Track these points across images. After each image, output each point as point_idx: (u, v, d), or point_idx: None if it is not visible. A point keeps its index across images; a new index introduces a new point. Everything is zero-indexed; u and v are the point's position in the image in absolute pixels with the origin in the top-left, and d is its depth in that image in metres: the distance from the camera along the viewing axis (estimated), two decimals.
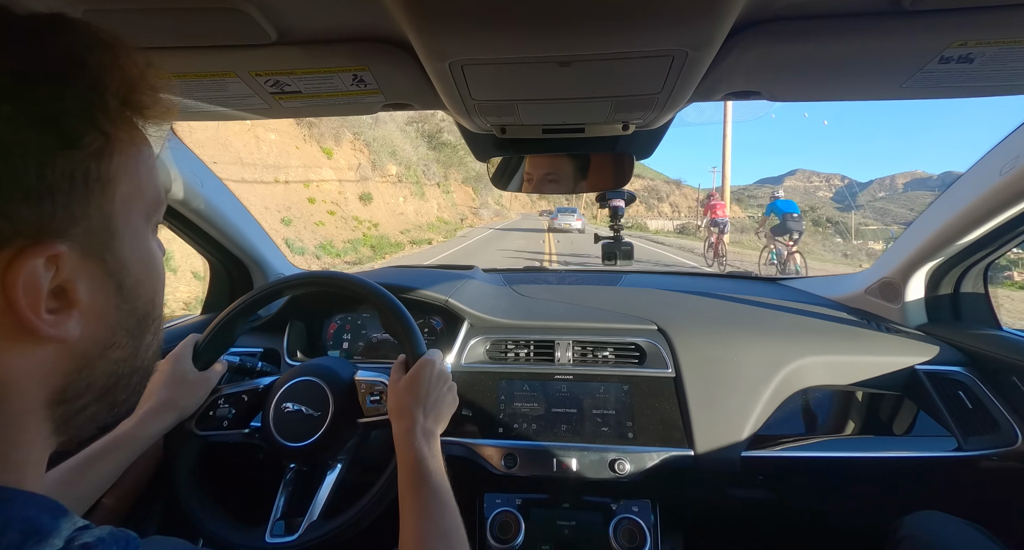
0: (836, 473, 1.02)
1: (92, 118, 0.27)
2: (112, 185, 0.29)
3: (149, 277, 0.34)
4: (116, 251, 0.30)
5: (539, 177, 0.94)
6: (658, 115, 0.71)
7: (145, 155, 0.33)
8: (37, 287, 0.26)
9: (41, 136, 0.25)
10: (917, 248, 1.08)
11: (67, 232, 0.27)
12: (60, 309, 0.27)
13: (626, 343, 1.10)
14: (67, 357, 0.29)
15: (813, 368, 1.04)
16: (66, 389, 0.30)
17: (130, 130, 0.31)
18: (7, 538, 0.24)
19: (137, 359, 0.34)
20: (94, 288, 0.29)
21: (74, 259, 0.27)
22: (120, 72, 0.29)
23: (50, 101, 0.26)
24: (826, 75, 0.61)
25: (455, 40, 0.47)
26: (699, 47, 0.49)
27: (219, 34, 0.51)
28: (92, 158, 0.28)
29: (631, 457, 0.95)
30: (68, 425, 0.31)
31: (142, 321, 0.34)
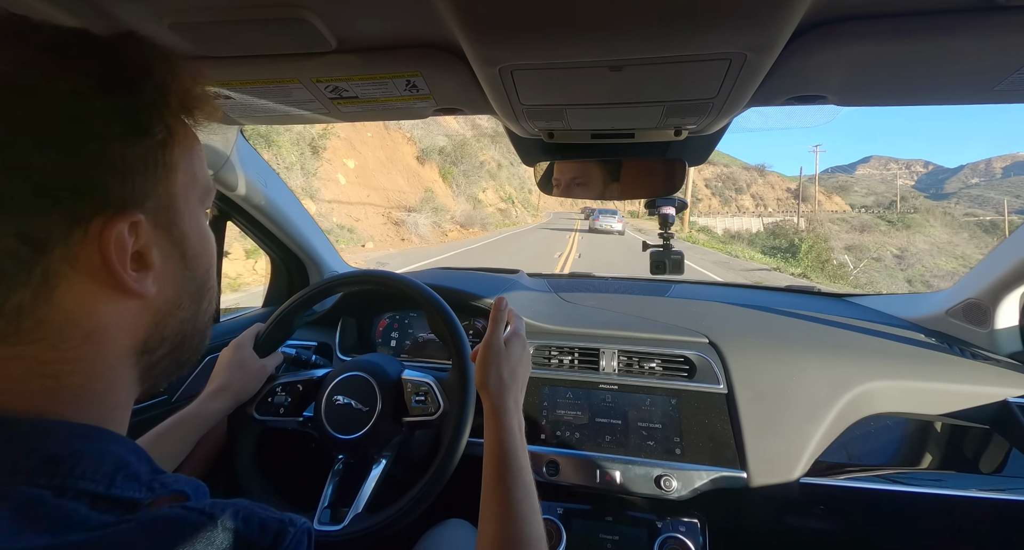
0: (912, 510, 0.93)
1: (159, 113, 0.33)
2: (174, 171, 0.35)
3: (205, 250, 0.40)
4: (179, 225, 0.36)
5: (576, 178, 0.92)
6: (713, 121, 0.68)
7: (196, 149, 0.38)
8: (124, 247, 0.31)
9: (123, 125, 0.31)
10: (1011, 268, 0.97)
11: (142, 205, 0.32)
12: (139, 269, 0.33)
13: (675, 355, 1.06)
14: (147, 312, 0.35)
15: (885, 393, 0.96)
16: (147, 341, 0.35)
17: (186, 127, 0.37)
18: (103, 467, 0.28)
19: (197, 321, 0.40)
20: (164, 255, 0.35)
21: (148, 228, 0.33)
22: (177, 78, 0.34)
23: (129, 98, 0.31)
24: (904, 78, 0.56)
25: (506, 46, 0.48)
26: (759, 50, 0.46)
27: (285, 43, 0.55)
28: (159, 146, 0.33)
29: (678, 474, 0.91)
30: (148, 375, 0.37)
31: (200, 288, 0.40)
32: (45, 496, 0.26)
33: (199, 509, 0.28)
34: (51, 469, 0.27)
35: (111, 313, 0.32)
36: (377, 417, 0.80)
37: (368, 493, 0.78)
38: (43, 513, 0.25)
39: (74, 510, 0.26)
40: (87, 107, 0.29)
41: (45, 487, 0.26)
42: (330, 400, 0.83)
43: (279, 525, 0.30)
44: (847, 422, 0.94)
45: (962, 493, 0.87)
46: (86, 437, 0.30)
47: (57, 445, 0.28)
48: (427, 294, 0.85)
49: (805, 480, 0.89)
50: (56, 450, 0.28)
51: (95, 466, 0.28)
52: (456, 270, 1.60)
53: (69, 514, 0.25)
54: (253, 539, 0.28)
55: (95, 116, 0.29)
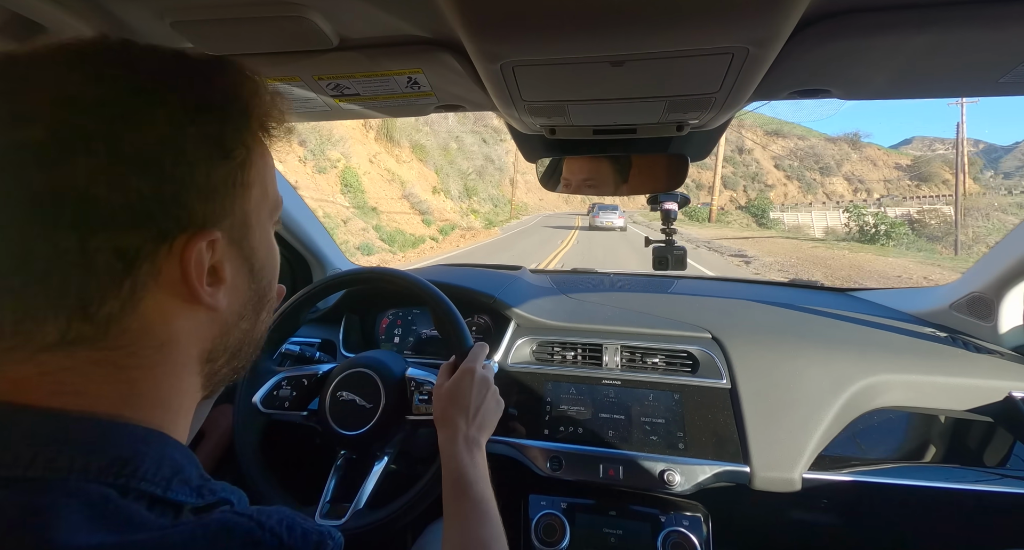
0: (916, 503, 0.93)
1: (241, 137, 0.35)
2: (249, 189, 0.37)
3: (271, 263, 0.42)
4: (250, 240, 0.38)
5: (588, 179, 0.92)
6: (715, 115, 0.68)
7: (270, 166, 0.40)
8: (202, 264, 0.33)
9: (209, 149, 0.32)
10: (1015, 262, 0.97)
11: (220, 223, 0.34)
12: (213, 283, 0.35)
13: (678, 351, 1.06)
14: (215, 324, 0.36)
15: (889, 387, 0.95)
16: (212, 351, 0.37)
17: (261, 146, 0.38)
18: (162, 471, 0.30)
19: (255, 331, 0.42)
20: (235, 269, 0.37)
21: (224, 245, 0.35)
22: (260, 101, 0.36)
23: (217, 124, 0.33)
24: (909, 71, 0.56)
25: (507, 42, 0.48)
26: (762, 44, 0.46)
27: (287, 41, 0.55)
28: (239, 167, 0.35)
29: (682, 468, 0.91)
30: (209, 382, 0.39)
31: (262, 299, 0.41)
32: (112, 495, 0.27)
33: (248, 515, 0.29)
34: (117, 469, 0.28)
35: (185, 324, 0.34)
36: (380, 414, 0.80)
37: (369, 489, 0.79)
38: (111, 511, 0.26)
39: (136, 510, 0.27)
40: (182, 132, 0.31)
41: (111, 486, 0.28)
42: (334, 396, 0.83)
43: (319, 537, 0.31)
44: (850, 416, 0.94)
45: (966, 486, 0.87)
46: (148, 440, 0.31)
47: (123, 446, 0.30)
48: (430, 290, 0.85)
49: (808, 474, 0.89)
50: (122, 451, 0.29)
51: (155, 469, 0.30)
52: (459, 266, 1.60)
53: (133, 514, 0.27)
54: (296, 547, 0.29)
55: (187, 141, 0.31)
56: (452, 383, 0.74)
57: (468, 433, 0.69)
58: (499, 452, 0.99)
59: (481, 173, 31.67)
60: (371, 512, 0.75)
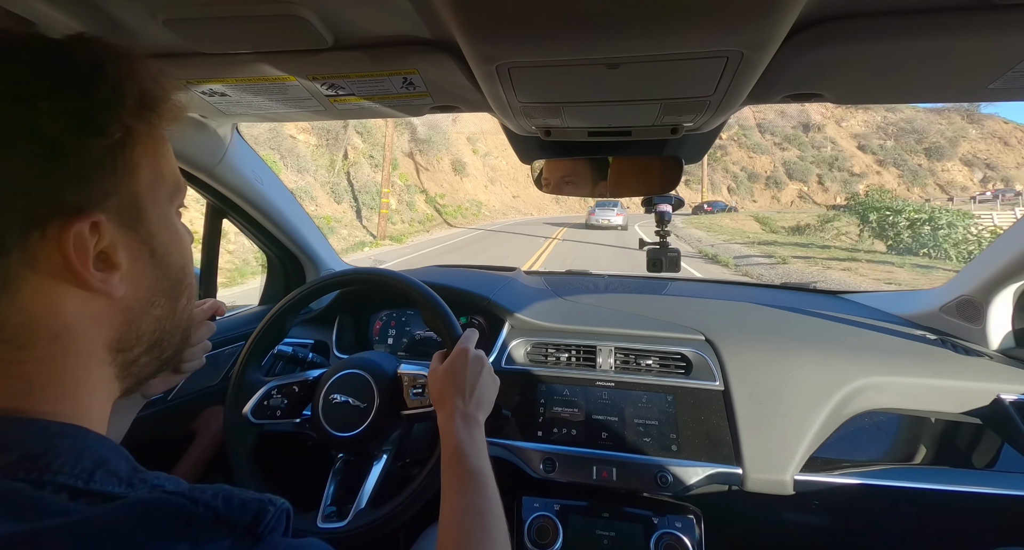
0: (905, 505, 0.94)
1: (114, 113, 0.33)
2: (136, 170, 0.35)
3: (177, 248, 0.40)
4: (146, 225, 0.36)
5: (582, 181, 0.92)
6: (710, 118, 0.68)
7: (162, 148, 0.38)
8: (85, 247, 0.31)
9: (74, 125, 0.30)
10: (1004, 265, 0.98)
11: (103, 205, 0.32)
12: (105, 269, 0.33)
13: (671, 352, 1.06)
14: (117, 311, 0.35)
15: (879, 389, 0.96)
16: (120, 339, 0.36)
17: (148, 126, 0.36)
18: (81, 463, 0.28)
19: (175, 318, 0.40)
20: (131, 254, 0.35)
21: (111, 228, 0.33)
22: (134, 78, 0.34)
23: (78, 99, 0.31)
24: (901, 77, 0.57)
25: (503, 43, 0.48)
26: (756, 48, 0.46)
27: (281, 40, 0.54)
28: (117, 146, 0.33)
29: (674, 470, 0.92)
30: (127, 372, 0.37)
31: (175, 285, 0.40)
32: (23, 488, 0.26)
33: (179, 492, 0.28)
34: (28, 464, 0.27)
35: (78, 313, 0.32)
36: (375, 413, 0.80)
37: (371, 488, 0.78)
38: (21, 503, 0.25)
39: (53, 500, 0.26)
40: (32, 109, 0.29)
41: (23, 481, 0.26)
42: (327, 399, 0.83)
43: (258, 504, 0.30)
44: (842, 418, 0.95)
45: (955, 488, 0.88)
46: (63, 435, 0.30)
47: (34, 442, 0.28)
48: (417, 286, 0.85)
49: (800, 476, 0.90)
50: (33, 447, 0.28)
51: (72, 462, 0.28)
52: (453, 267, 1.60)
53: (47, 503, 0.26)
54: (234, 518, 0.28)
55: (42, 117, 0.29)
56: (447, 364, 0.74)
57: (466, 410, 0.69)
58: (492, 454, 0.99)
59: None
60: (374, 510, 0.75)
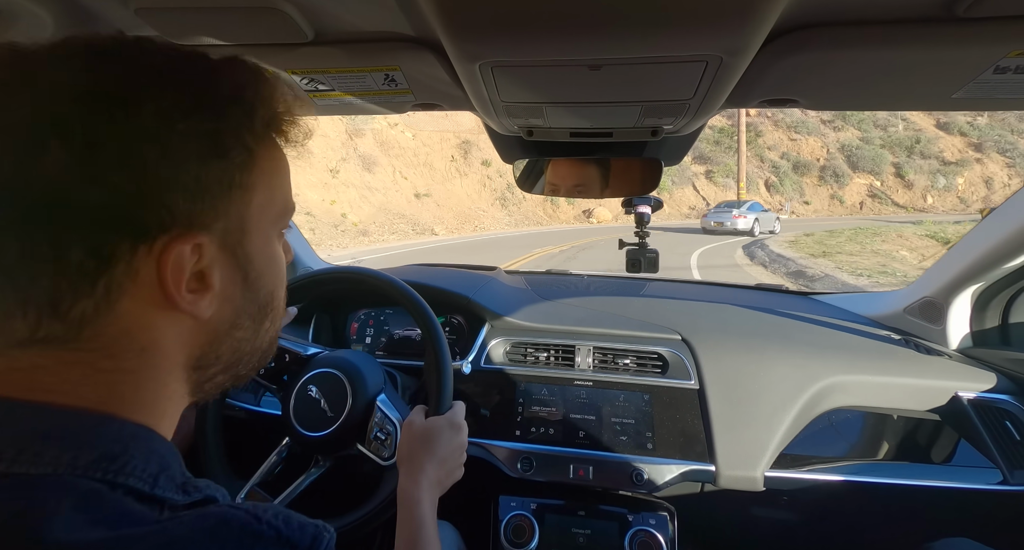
0: (868, 499, 0.98)
1: (241, 137, 0.33)
2: (250, 192, 0.35)
3: (270, 273, 0.39)
4: (246, 247, 0.36)
5: (564, 181, 0.93)
6: (689, 121, 0.70)
7: (281, 170, 0.39)
8: (181, 269, 0.31)
9: (201, 147, 0.31)
10: (964, 268, 1.03)
11: (210, 226, 0.32)
12: (198, 290, 0.33)
13: (648, 352, 1.08)
14: (202, 332, 0.35)
15: (845, 388, 1.00)
16: (200, 358, 0.36)
17: (271, 148, 0.37)
18: (149, 467, 0.30)
19: (256, 341, 0.40)
20: (226, 276, 0.35)
21: (213, 250, 0.33)
22: (270, 103, 0.35)
23: (213, 121, 0.31)
24: (870, 84, 0.59)
25: (486, 42, 0.48)
26: (734, 53, 0.48)
27: (259, 33, 0.53)
28: (237, 168, 0.33)
29: (649, 468, 0.93)
30: (200, 389, 0.37)
31: (262, 309, 0.39)
32: (103, 490, 0.27)
33: (244, 508, 0.29)
34: (105, 465, 0.28)
35: (167, 330, 0.33)
36: (337, 428, 0.78)
37: (295, 491, 0.79)
38: (103, 506, 0.26)
39: (131, 505, 0.27)
40: (170, 128, 0.29)
41: (100, 481, 0.27)
42: (304, 387, 0.81)
43: (315, 529, 0.31)
44: (811, 416, 0.98)
45: (915, 482, 0.92)
46: (137, 436, 0.31)
47: (111, 442, 0.29)
48: (406, 292, 0.84)
49: (770, 473, 0.92)
50: (110, 447, 0.29)
51: (143, 465, 0.29)
52: (433, 266, 1.59)
53: (127, 509, 0.27)
54: (295, 539, 0.29)
55: (176, 137, 0.29)
56: (430, 429, 0.70)
57: (436, 477, 0.66)
58: (470, 453, 0.98)
59: None
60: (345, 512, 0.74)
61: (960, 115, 32.83)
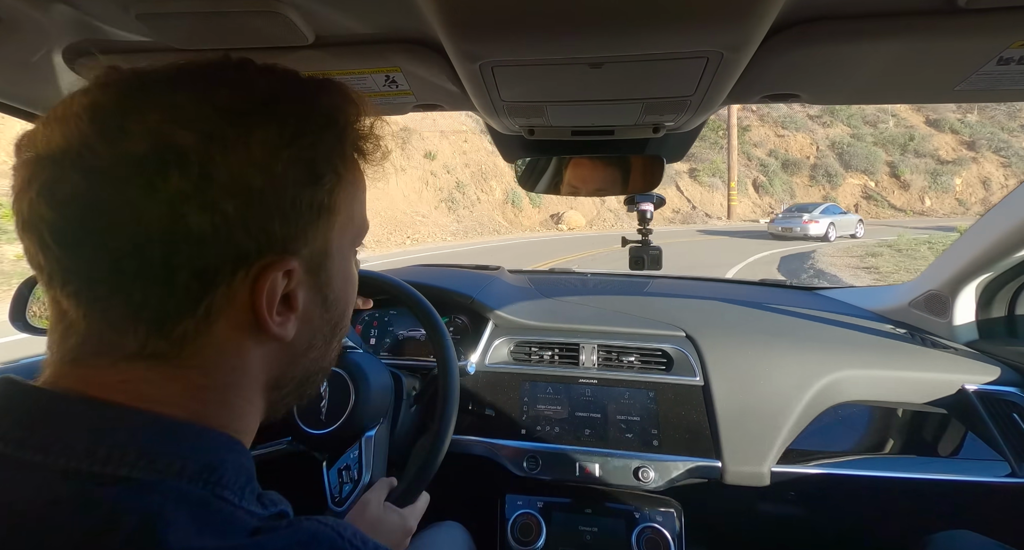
0: (875, 493, 0.97)
1: (332, 161, 0.34)
2: (334, 215, 0.35)
3: (346, 293, 0.40)
4: (328, 269, 0.36)
5: (566, 180, 0.93)
6: (691, 118, 0.70)
7: (361, 191, 0.39)
8: (274, 293, 0.32)
9: (299, 173, 0.31)
10: (968, 260, 1.02)
11: (300, 251, 0.33)
12: (284, 313, 0.34)
13: (652, 349, 1.08)
14: (283, 353, 0.36)
15: (851, 382, 0.99)
16: (279, 378, 0.37)
17: (355, 170, 0.37)
18: (239, 480, 0.30)
19: (325, 360, 0.41)
20: (308, 298, 0.35)
21: (300, 273, 0.33)
22: (358, 126, 0.36)
23: (311, 148, 0.32)
24: (873, 77, 0.59)
25: (486, 42, 0.48)
26: (735, 49, 0.47)
27: (260, 37, 0.53)
28: (327, 193, 0.33)
29: (656, 465, 0.93)
30: (273, 407, 0.38)
31: (335, 328, 0.40)
32: (209, 498, 0.28)
33: (330, 525, 0.30)
34: (206, 475, 0.29)
35: (255, 350, 0.34)
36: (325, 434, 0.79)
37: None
38: (211, 515, 0.27)
39: (231, 515, 0.28)
40: (276, 155, 0.30)
41: (204, 491, 0.28)
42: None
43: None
44: (816, 411, 0.98)
45: (922, 476, 0.92)
46: (232, 449, 0.32)
47: (211, 453, 0.30)
48: (411, 294, 0.84)
49: (776, 468, 0.92)
50: (211, 458, 0.30)
51: (234, 477, 0.30)
52: (436, 267, 1.59)
53: (229, 518, 0.28)
54: None
55: (280, 164, 0.30)
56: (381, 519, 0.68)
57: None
58: (476, 452, 0.99)
59: None
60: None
61: (950, 112, 31.69)
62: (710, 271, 8.10)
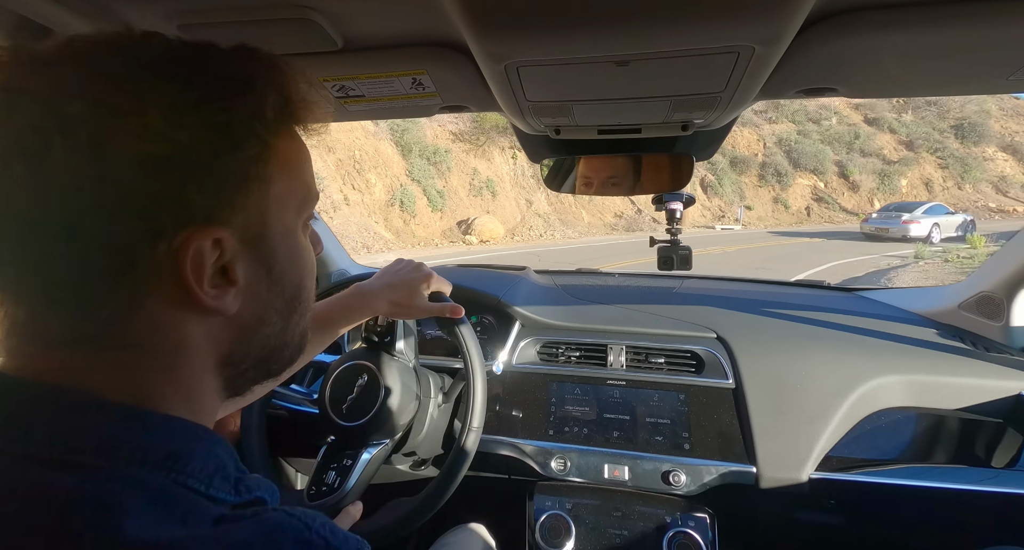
0: (923, 504, 0.92)
1: (253, 127, 0.32)
2: (267, 184, 0.34)
3: (296, 265, 0.38)
4: (268, 241, 0.35)
5: (593, 180, 0.92)
6: (721, 115, 0.68)
7: (300, 159, 0.37)
8: (202, 264, 0.30)
9: (213, 140, 0.30)
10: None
11: (229, 221, 0.31)
12: (222, 285, 0.32)
13: (682, 350, 1.05)
14: (231, 328, 0.35)
15: (896, 388, 0.95)
16: (231, 355, 0.35)
17: (288, 138, 0.36)
18: (207, 468, 0.30)
19: (286, 335, 0.39)
20: (250, 271, 0.34)
21: (234, 244, 0.32)
22: (281, 90, 0.34)
23: (222, 113, 0.30)
24: (917, 69, 0.56)
25: (511, 42, 0.48)
26: (768, 43, 0.46)
27: (292, 43, 0.55)
28: (251, 161, 0.32)
29: (687, 469, 0.91)
30: (232, 384, 0.37)
31: (290, 303, 0.38)
32: (169, 485, 0.27)
33: (297, 516, 0.29)
34: (170, 464, 0.28)
35: (195, 327, 0.32)
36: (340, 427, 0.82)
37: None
38: (170, 504, 0.26)
39: (194, 504, 0.28)
40: (178, 123, 0.29)
41: (166, 479, 0.28)
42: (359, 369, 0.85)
43: (358, 543, 0.31)
44: (858, 417, 0.94)
45: (974, 487, 0.87)
46: (198, 436, 0.31)
47: (175, 441, 0.30)
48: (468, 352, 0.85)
49: (815, 475, 0.89)
50: (175, 446, 0.29)
51: (201, 466, 0.30)
52: (463, 267, 1.61)
53: (191, 507, 0.27)
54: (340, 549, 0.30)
55: (185, 132, 0.29)
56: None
57: None
58: (504, 452, 0.99)
59: None
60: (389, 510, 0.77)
61: (887, 111, 31.14)
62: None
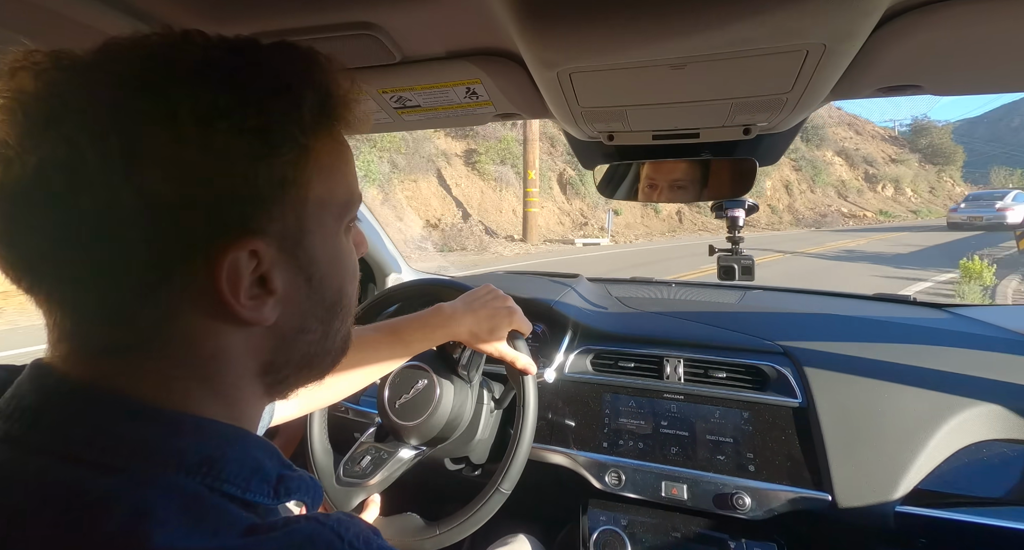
0: None
1: (290, 131, 0.30)
2: (306, 189, 0.32)
3: (337, 271, 0.37)
4: (307, 248, 0.34)
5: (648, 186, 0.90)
6: (786, 117, 0.64)
7: (341, 161, 0.36)
8: (239, 276, 0.29)
9: (248, 146, 0.29)
10: None
11: (266, 229, 0.30)
12: (259, 296, 0.32)
13: (744, 365, 0.99)
14: (270, 337, 0.34)
15: (998, 417, 0.85)
16: (271, 363, 0.35)
17: (327, 139, 0.34)
18: (243, 471, 0.30)
19: (327, 342, 0.38)
20: (288, 279, 0.33)
21: (271, 253, 0.31)
22: (320, 88, 0.32)
23: (257, 117, 0.29)
24: (1011, 63, 0.50)
25: (563, 49, 0.48)
26: (841, 39, 0.43)
27: (354, 59, 0.58)
28: (289, 165, 0.31)
29: (752, 492, 0.85)
30: (273, 390, 0.37)
31: (331, 309, 0.37)
32: (203, 493, 0.27)
33: (330, 526, 0.29)
34: (205, 469, 0.28)
35: (232, 337, 0.32)
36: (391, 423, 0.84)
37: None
38: (202, 512, 0.26)
39: (226, 512, 0.27)
40: (209, 129, 0.27)
41: (200, 485, 0.27)
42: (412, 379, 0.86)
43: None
44: (953, 447, 0.84)
45: None
46: (233, 440, 0.31)
47: (211, 445, 0.29)
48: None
49: (903, 508, 0.80)
50: (211, 451, 0.29)
51: (237, 470, 0.29)
52: (515, 274, 1.61)
53: (223, 516, 0.27)
54: None
55: (219, 137, 0.28)
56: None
57: None
58: (557, 462, 0.97)
59: None
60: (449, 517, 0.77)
61: None
62: None
